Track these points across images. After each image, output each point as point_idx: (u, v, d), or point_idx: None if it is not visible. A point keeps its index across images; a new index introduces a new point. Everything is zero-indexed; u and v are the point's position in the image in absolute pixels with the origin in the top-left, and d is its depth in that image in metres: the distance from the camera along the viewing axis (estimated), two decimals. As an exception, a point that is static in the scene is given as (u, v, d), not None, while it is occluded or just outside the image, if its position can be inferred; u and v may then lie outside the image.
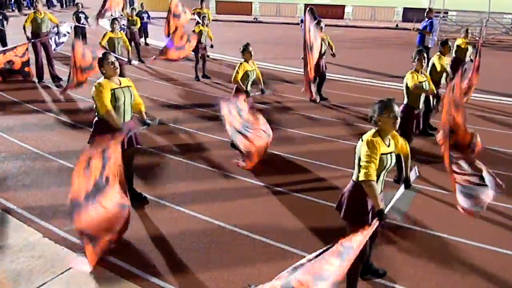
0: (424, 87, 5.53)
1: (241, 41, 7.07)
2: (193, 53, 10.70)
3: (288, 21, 23.26)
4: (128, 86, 4.65)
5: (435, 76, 6.92)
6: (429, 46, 11.31)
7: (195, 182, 5.65)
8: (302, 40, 7.94)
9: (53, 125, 7.58)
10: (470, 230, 4.60)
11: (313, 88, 8.34)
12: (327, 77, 9.27)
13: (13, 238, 4.31)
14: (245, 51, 6.53)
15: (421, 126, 5.86)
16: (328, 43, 8.99)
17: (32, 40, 9.88)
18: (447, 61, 7.17)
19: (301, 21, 13.59)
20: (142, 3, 17.06)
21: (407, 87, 5.52)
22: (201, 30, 10.79)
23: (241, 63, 6.52)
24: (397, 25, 22.84)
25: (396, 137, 3.43)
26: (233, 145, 6.35)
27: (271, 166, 6.12)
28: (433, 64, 7.12)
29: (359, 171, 3.19)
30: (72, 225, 3.55)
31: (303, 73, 7.95)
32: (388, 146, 3.26)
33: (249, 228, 4.57)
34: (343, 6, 25.44)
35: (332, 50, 9.14)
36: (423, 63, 5.55)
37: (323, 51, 8.77)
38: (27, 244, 4.21)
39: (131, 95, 4.66)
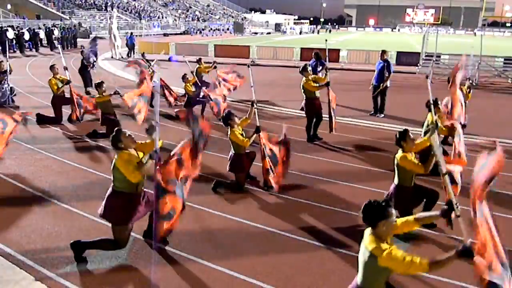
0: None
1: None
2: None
3: (284, 64, 23.79)
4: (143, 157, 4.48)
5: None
6: (388, 86, 11.57)
7: (209, 230, 5.45)
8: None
9: (50, 165, 7.60)
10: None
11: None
12: (323, 118, 9.37)
13: (5, 281, 4.23)
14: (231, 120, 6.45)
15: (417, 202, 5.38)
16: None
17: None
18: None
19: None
20: (143, 53, 17.68)
21: (397, 166, 5.14)
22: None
23: (233, 131, 6.43)
24: (391, 68, 23.29)
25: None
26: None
27: (273, 210, 6.04)
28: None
29: (363, 276, 3.06)
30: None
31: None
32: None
33: (268, 280, 4.42)
34: (338, 50, 26.10)
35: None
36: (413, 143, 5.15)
37: (318, 93, 8.96)
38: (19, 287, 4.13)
39: None
